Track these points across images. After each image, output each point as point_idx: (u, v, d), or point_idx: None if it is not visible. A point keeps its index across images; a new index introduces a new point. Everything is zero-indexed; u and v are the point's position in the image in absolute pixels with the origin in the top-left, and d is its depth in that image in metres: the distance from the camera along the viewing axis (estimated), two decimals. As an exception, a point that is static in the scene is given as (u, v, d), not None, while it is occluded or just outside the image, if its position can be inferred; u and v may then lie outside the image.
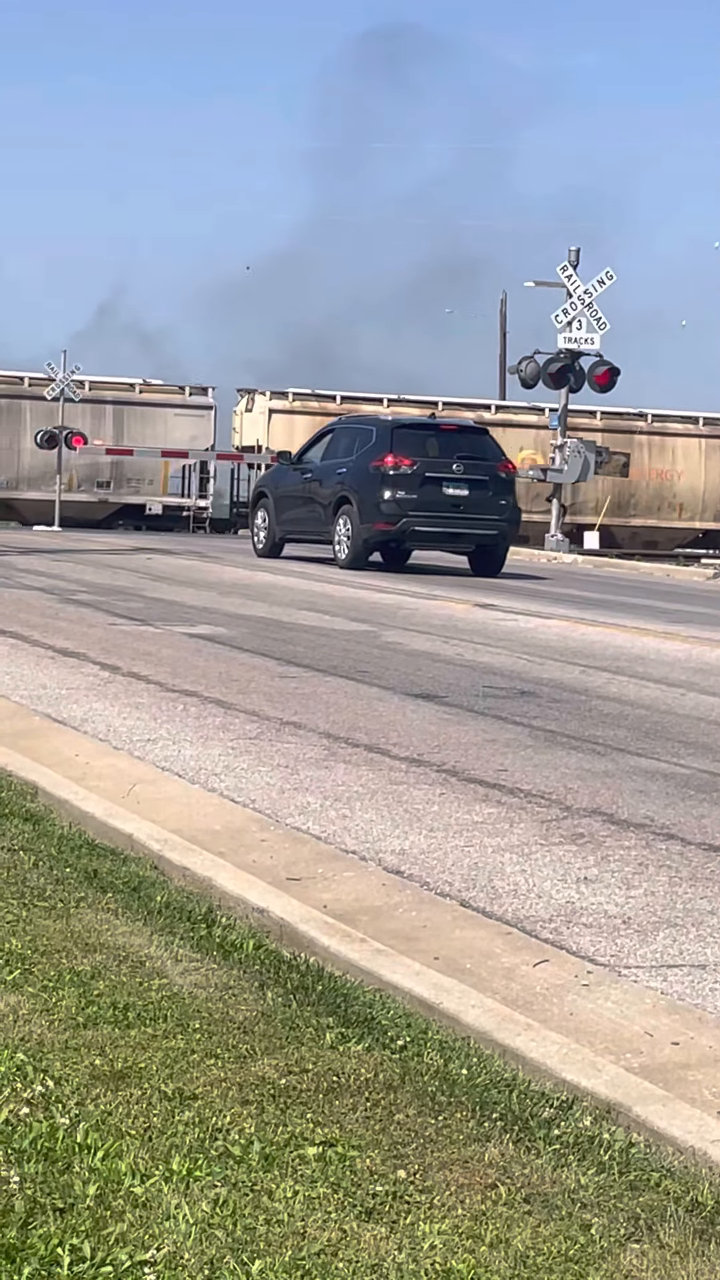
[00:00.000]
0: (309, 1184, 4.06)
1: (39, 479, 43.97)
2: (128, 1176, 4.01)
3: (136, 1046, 4.89)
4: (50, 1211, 3.81)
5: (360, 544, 26.57)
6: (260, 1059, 4.86)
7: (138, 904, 6.39)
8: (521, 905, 6.61)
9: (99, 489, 45.17)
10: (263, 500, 29.44)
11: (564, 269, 39.35)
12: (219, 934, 6.09)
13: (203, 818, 7.91)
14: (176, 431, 45.13)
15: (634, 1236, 3.94)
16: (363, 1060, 4.90)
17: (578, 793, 8.74)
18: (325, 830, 7.72)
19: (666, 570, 35.40)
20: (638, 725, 11.21)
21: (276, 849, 7.37)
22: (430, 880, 6.93)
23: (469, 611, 19.90)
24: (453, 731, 10.54)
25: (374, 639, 16.03)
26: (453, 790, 8.69)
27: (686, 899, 6.76)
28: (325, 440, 28.54)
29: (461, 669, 13.90)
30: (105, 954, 5.72)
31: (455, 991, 5.54)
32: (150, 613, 17.39)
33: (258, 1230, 3.81)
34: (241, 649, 14.48)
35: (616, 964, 5.92)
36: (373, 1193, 4.04)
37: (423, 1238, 3.83)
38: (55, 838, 7.41)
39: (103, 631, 15.38)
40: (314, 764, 9.23)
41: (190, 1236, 3.74)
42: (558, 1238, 3.89)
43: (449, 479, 26.41)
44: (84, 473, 44.74)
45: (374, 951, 5.93)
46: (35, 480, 44.05)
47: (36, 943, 5.81)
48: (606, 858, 7.38)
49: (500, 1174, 4.21)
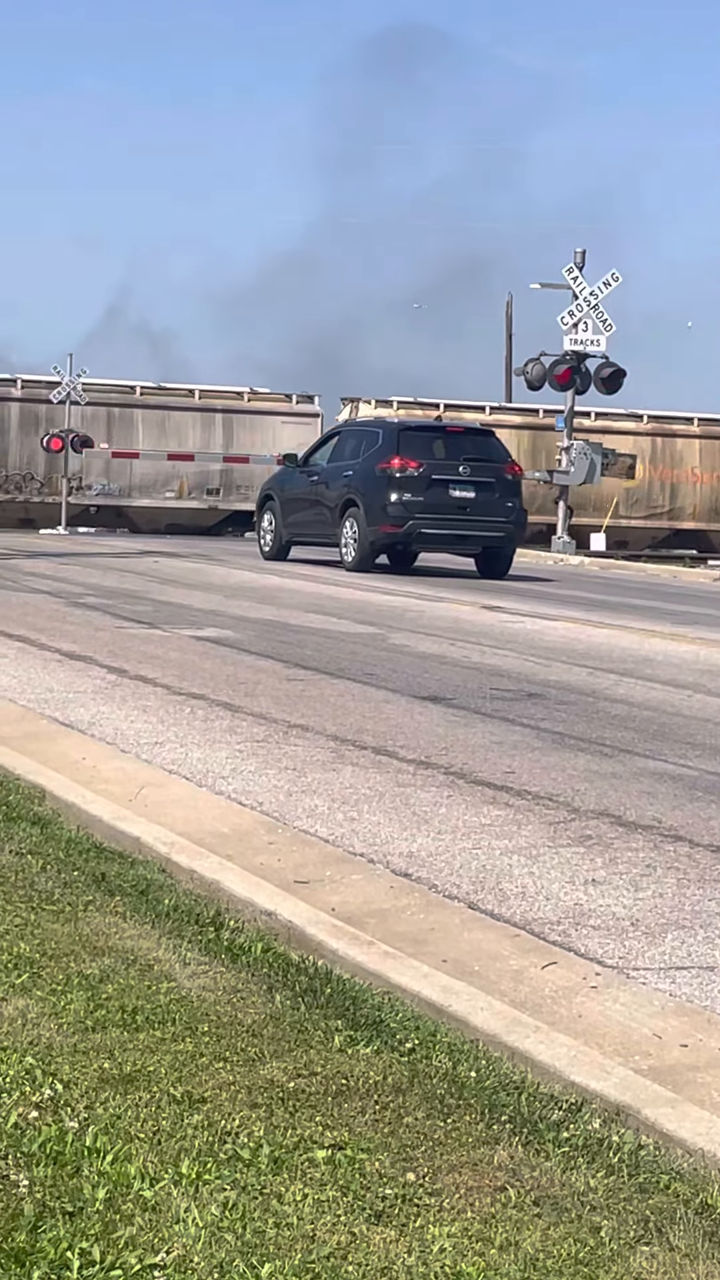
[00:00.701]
0: (318, 1187, 4.05)
1: (150, 486, 44.31)
2: (137, 1180, 4.01)
3: (145, 1050, 4.89)
4: (60, 1215, 3.81)
5: (367, 546, 26.57)
6: (269, 1062, 4.86)
7: (146, 907, 6.39)
8: (530, 907, 6.61)
9: (209, 496, 45.52)
10: (269, 503, 29.42)
11: (569, 271, 39.33)
12: (227, 937, 6.09)
13: (210, 820, 7.91)
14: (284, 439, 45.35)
15: (644, 1239, 3.94)
16: (371, 1063, 4.90)
17: (585, 794, 8.73)
18: (333, 833, 7.72)
19: (673, 572, 35.38)
20: (645, 727, 11.21)
21: (284, 852, 7.37)
22: (438, 883, 6.92)
23: (476, 613, 19.90)
24: (460, 734, 10.54)
25: (381, 641, 16.03)
26: (460, 792, 8.69)
27: (695, 901, 6.76)
28: (332, 443, 28.53)
29: (469, 671, 13.89)
30: (113, 957, 5.73)
31: (464, 994, 5.54)
32: (157, 616, 17.39)
33: (267, 1233, 3.81)
34: (248, 652, 14.48)
35: (625, 966, 5.92)
36: (382, 1195, 4.04)
37: (432, 1240, 3.83)
38: (63, 841, 7.41)
39: (110, 634, 15.38)
40: (321, 766, 9.23)
41: (200, 1240, 3.74)
42: (567, 1240, 3.89)
43: (455, 481, 26.41)
44: (194, 480, 45.11)
45: (382, 954, 5.93)
46: (147, 488, 44.35)
47: (45, 946, 5.81)
48: (614, 859, 7.37)
49: (509, 1177, 4.21)
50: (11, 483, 43.37)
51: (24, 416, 43.42)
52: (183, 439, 44.34)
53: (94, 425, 43.71)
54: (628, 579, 31.70)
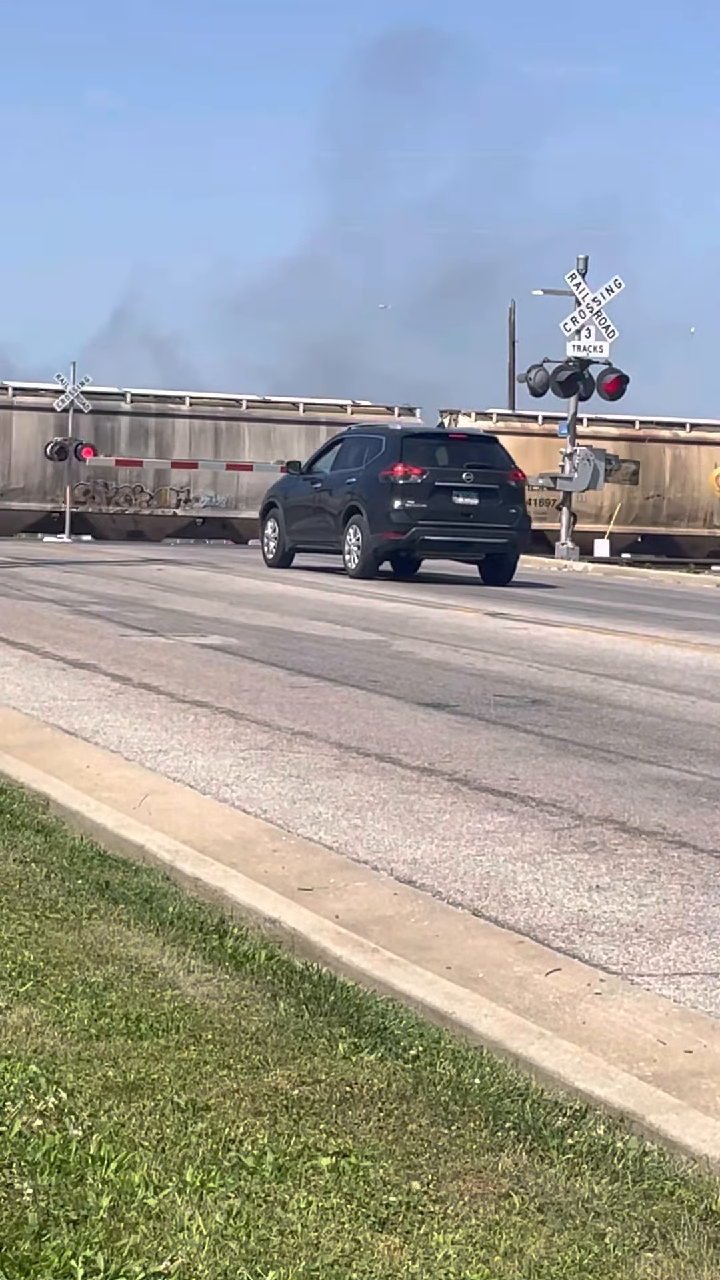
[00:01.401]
0: (322, 1194, 4.05)
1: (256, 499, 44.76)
2: (141, 1188, 4.01)
3: (149, 1058, 4.89)
4: (64, 1223, 3.81)
5: (370, 553, 26.58)
6: (273, 1069, 4.86)
7: (150, 915, 6.39)
8: (534, 914, 6.60)
9: None
10: (272, 510, 29.44)
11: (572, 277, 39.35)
12: (231, 944, 6.09)
13: (214, 828, 7.92)
14: None
15: (648, 1245, 3.94)
16: (375, 1070, 4.90)
17: (589, 801, 8.73)
18: (337, 840, 7.72)
19: (677, 577, 35.38)
20: (649, 733, 11.20)
21: (288, 859, 7.37)
22: (442, 889, 6.92)
23: (479, 620, 19.90)
24: (464, 740, 10.54)
25: (385, 648, 16.03)
26: (464, 799, 8.69)
27: (699, 907, 6.76)
28: (335, 450, 28.55)
29: (472, 678, 13.89)
30: (117, 965, 5.73)
31: (468, 1001, 5.53)
32: (161, 623, 17.40)
33: (271, 1241, 3.81)
34: (252, 659, 14.48)
35: (629, 972, 5.92)
36: (386, 1203, 4.03)
37: (436, 1248, 3.83)
38: (67, 849, 7.41)
39: (114, 642, 15.39)
40: (325, 774, 9.23)
41: (204, 1248, 3.74)
42: (571, 1247, 3.89)
43: (459, 488, 26.41)
44: None
45: (386, 961, 5.93)
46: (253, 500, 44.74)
47: (49, 954, 5.81)
48: (618, 866, 7.37)
49: (514, 1183, 4.21)
50: (121, 495, 43.94)
51: (134, 430, 44.16)
52: (288, 451, 44.65)
53: (202, 438, 44.56)
54: (631, 585, 31.70)
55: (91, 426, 43.44)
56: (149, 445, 43.78)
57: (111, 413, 43.96)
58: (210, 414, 44.70)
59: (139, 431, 44.20)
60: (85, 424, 43.27)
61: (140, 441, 44.04)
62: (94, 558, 30.84)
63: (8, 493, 42.91)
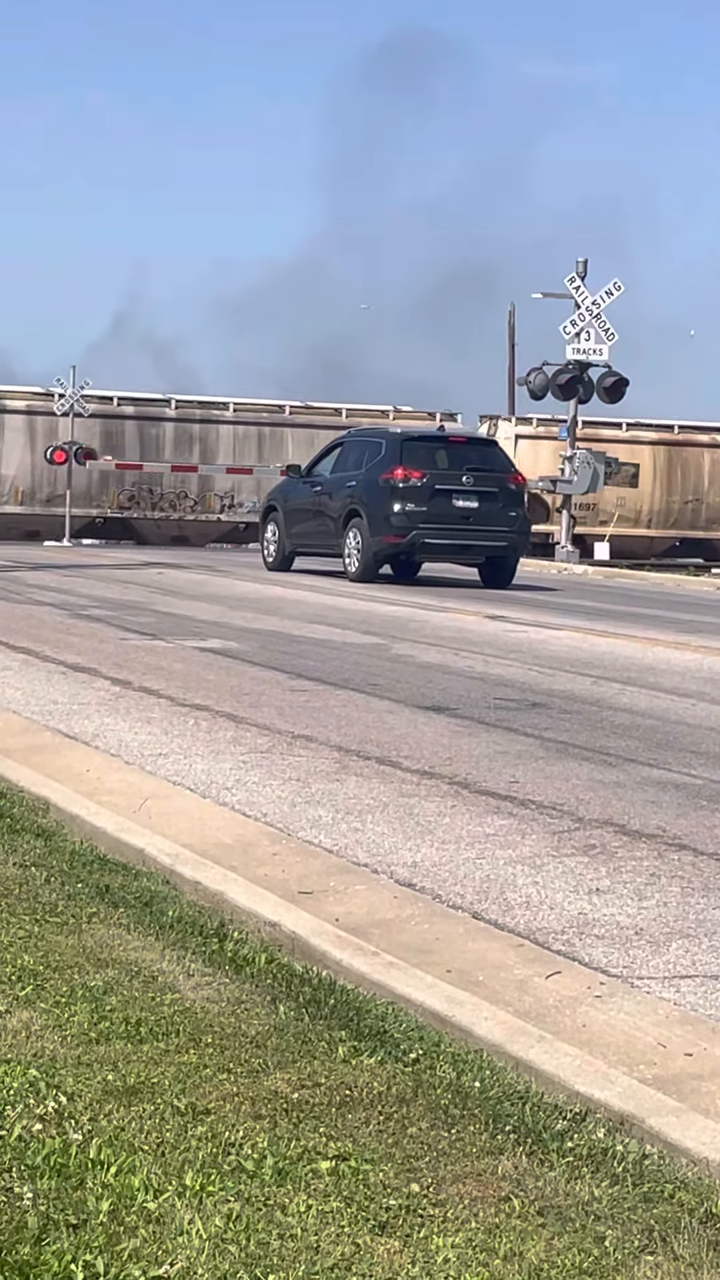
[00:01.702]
0: (322, 1198, 4.05)
1: None
2: (141, 1192, 4.01)
3: (149, 1062, 4.89)
4: (64, 1228, 3.81)
5: (370, 556, 26.57)
6: (273, 1073, 4.86)
7: (149, 919, 6.39)
8: (534, 917, 6.60)
9: None
10: (272, 514, 29.42)
11: (571, 280, 39.37)
12: (231, 948, 6.09)
13: (214, 832, 7.92)
14: None
15: (648, 1248, 3.94)
16: (375, 1074, 4.90)
17: (589, 804, 8.73)
18: (337, 843, 7.72)
19: (677, 580, 35.38)
20: (649, 736, 11.20)
21: (288, 862, 7.37)
22: (442, 893, 6.92)
23: (480, 623, 19.90)
24: (464, 744, 10.54)
25: (385, 652, 16.03)
26: (464, 802, 8.69)
27: (699, 909, 6.76)
28: (335, 453, 28.53)
29: (472, 681, 13.89)
30: (117, 969, 5.73)
31: (468, 1004, 5.53)
32: (161, 627, 17.40)
33: (271, 1245, 3.81)
34: (252, 663, 14.48)
35: (629, 975, 5.92)
36: (386, 1206, 4.03)
37: (436, 1251, 3.83)
38: (67, 853, 7.41)
39: (114, 646, 15.39)
40: (325, 777, 9.23)
41: (204, 1252, 3.74)
42: (572, 1250, 3.89)
43: (459, 491, 26.41)
44: None
45: (386, 964, 5.93)
46: None
47: (49, 959, 5.81)
48: (619, 869, 7.37)
49: (514, 1187, 4.21)
50: (165, 501, 44.20)
51: (178, 436, 44.43)
52: None
53: (246, 444, 44.75)
54: (632, 588, 31.70)
55: (137, 433, 43.84)
56: (194, 451, 44.05)
57: (156, 419, 44.34)
58: (254, 420, 44.97)
59: (184, 437, 44.52)
60: (130, 430, 43.75)
61: (185, 447, 44.33)
62: (94, 561, 30.85)
63: (54, 499, 43.22)
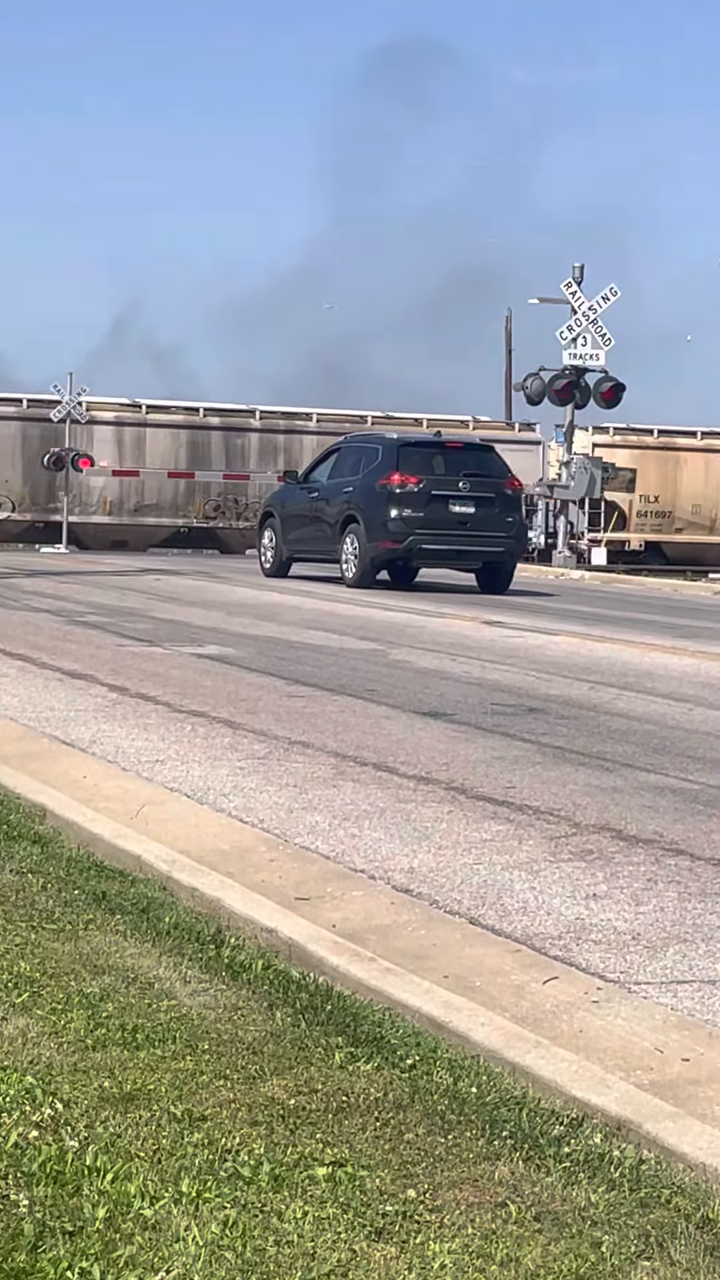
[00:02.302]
0: (319, 1204, 4.05)
1: None
2: (137, 1199, 4.00)
3: (145, 1068, 4.88)
4: (60, 1234, 3.81)
5: (367, 562, 26.58)
6: (269, 1079, 4.86)
7: (146, 925, 6.39)
8: (531, 922, 6.60)
9: None
10: (270, 520, 29.42)
11: (568, 285, 39.41)
12: (228, 954, 6.08)
13: (211, 838, 7.91)
14: None
15: (645, 1254, 3.93)
16: (372, 1080, 4.90)
17: (586, 809, 8.73)
18: (334, 849, 7.72)
19: (674, 585, 35.41)
20: (646, 741, 11.20)
21: (285, 868, 7.37)
22: (439, 898, 6.92)
23: (477, 629, 19.90)
24: (461, 749, 10.54)
25: (382, 657, 16.03)
26: (461, 808, 8.68)
27: (696, 914, 6.76)
28: (332, 459, 28.53)
29: (469, 686, 13.89)
30: (114, 976, 5.72)
31: (464, 1009, 5.53)
32: (158, 633, 17.40)
33: (268, 1251, 3.80)
34: (249, 669, 14.48)
35: (626, 980, 5.91)
36: (383, 1212, 4.03)
37: (433, 1257, 3.83)
38: (64, 859, 7.41)
39: (111, 653, 15.39)
40: (322, 783, 9.23)
41: (200, 1259, 3.74)
42: (568, 1256, 3.88)
43: (455, 497, 26.42)
44: None
45: (383, 970, 5.93)
46: None
47: (45, 965, 5.81)
48: (615, 874, 7.37)
49: (510, 1192, 4.20)
50: (250, 510, 44.91)
51: (263, 446, 45.36)
52: None
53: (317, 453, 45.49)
54: (629, 593, 31.71)
55: (222, 444, 44.66)
56: (278, 460, 44.58)
57: (241, 429, 45.14)
58: (337, 429, 45.34)
59: (268, 448, 45.29)
60: (216, 441, 44.57)
61: (269, 457, 45.03)
62: (90, 568, 30.84)
63: (141, 508, 43.52)
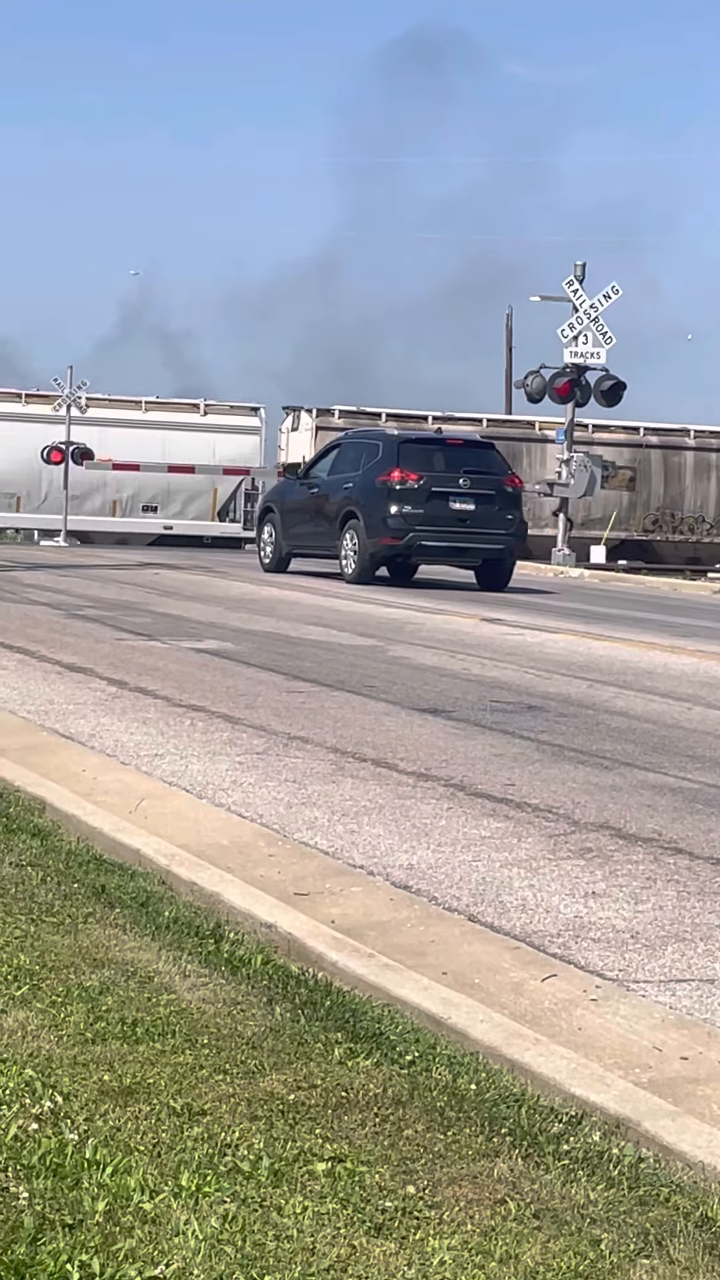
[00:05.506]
0: (318, 1199, 4.05)
1: None
2: (137, 1192, 4.01)
3: (145, 1062, 4.88)
4: (59, 1228, 3.81)
5: (367, 558, 26.58)
6: (269, 1074, 4.86)
7: (146, 919, 6.39)
8: (530, 920, 6.60)
9: None
10: (269, 515, 29.44)
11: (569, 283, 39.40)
12: (227, 949, 6.09)
13: (210, 832, 7.91)
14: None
15: (644, 1252, 3.94)
16: (371, 1075, 4.90)
17: (585, 807, 8.73)
18: (333, 845, 7.72)
19: (673, 584, 35.40)
20: (645, 739, 11.21)
21: (284, 864, 7.37)
22: (438, 895, 6.92)
23: (476, 626, 19.90)
24: (460, 746, 10.54)
25: (381, 654, 16.03)
26: (460, 805, 8.69)
27: (695, 913, 6.76)
28: (332, 454, 28.54)
29: (468, 684, 13.89)
30: (113, 969, 5.72)
31: (463, 1006, 5.53)
32: (157, 627, 17.40)
33: (267, 1246, 3.81)
34: (248, 664, 14.48)
35: (625, 978, 5.92)
36: (382, 1208, 4.03)
37: (432, 1253, 3.83)
38: (63, 853, 7.41)
39: (110, 646, 15.39)
40: (321, 779, 9.23)
41: (199, 1252, 3.74)
42: (567, 1253, 3.89)
43: (455, 493, 26.43)
44: None
45: (382, 966, 5.93)
46: None
47: (45, 959, 5.80)
48: (614, 872, 7.37)
49: (509, 1189, 4.21)
50: (685, 524, 46.32)
51: (698, 464, 46.62)
52: None
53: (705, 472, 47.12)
54: (628, 591, 31.71)
55: (661, 461, 46.00)
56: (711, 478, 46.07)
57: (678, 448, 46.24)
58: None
59: (702, 465, 46.42)
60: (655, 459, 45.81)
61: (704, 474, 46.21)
62: (90, 561, 30.84)
63: (588, 521, 44.21)
